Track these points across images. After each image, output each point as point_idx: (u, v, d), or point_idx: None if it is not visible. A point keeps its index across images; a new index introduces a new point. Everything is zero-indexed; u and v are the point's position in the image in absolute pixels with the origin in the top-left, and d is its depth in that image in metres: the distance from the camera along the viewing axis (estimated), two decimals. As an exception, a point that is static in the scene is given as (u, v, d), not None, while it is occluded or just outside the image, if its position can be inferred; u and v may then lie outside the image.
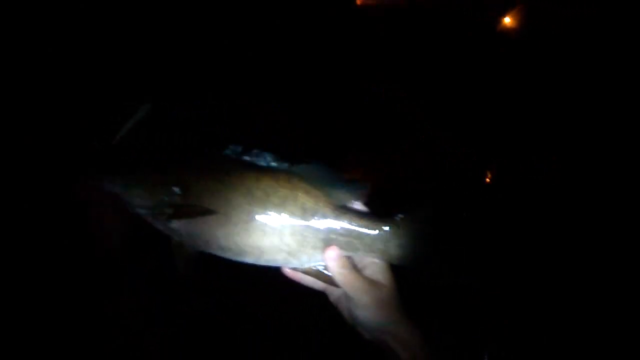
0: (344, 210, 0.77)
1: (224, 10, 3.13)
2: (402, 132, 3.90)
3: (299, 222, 0.75)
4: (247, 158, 0.80)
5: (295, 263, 0.78)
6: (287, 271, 0.80)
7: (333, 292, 0.83)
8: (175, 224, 0.79)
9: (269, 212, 0.75)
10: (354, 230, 0.76)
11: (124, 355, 1.54)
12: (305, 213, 0.76)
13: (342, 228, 0.76)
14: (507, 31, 4.89)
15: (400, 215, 0.76)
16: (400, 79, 4.22)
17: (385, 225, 0.75)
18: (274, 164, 0.80)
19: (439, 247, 0.76)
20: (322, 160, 0.79)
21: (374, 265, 0.78)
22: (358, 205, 0.79)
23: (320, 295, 0.86)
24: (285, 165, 0.79)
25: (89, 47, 2.33)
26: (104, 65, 2.32)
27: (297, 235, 0.76)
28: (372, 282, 0.76)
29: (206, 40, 2.90)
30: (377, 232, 0.76)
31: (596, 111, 4.00)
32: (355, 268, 0.77)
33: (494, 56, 4.59)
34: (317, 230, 0.76)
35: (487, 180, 3.88)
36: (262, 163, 0.80)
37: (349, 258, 0.77)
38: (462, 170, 3.77)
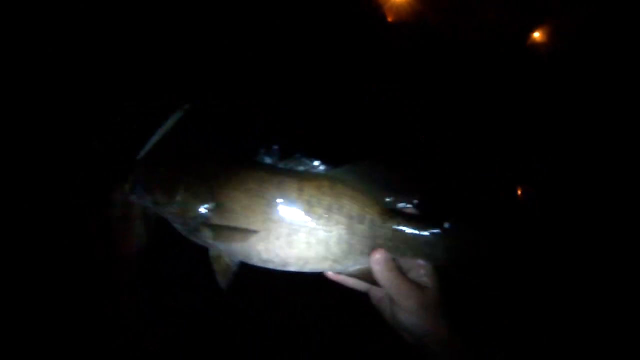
0: (391, 214, 0.74)
1: (224, 11, 3.13)
2: (402, 132, 3.90)
3: (345, 231, 0.73)
4: (284, 164, 0.76)
5: (340, 268, 0.76)
6: (330, 274, 0.78)
7: (376, 294, 0.81)
8: (214, 239, 0.76)
9: (314, 224, 0.73)
10: (401, 234, 0.74)
11: (124, 355, 1.54)
12: (352, 220, 0.73)
13: (389, 232, 0.74)
14: (536, 45, 4.94)
15: (448, 220, 0.74)
16: (400, 79, 4.22)
17: (432, 229, 0.74)
18: (314, 169, 0.76)
19: (484, 251, 0.75)
20: (366, 161, 0.75)
21: (420, 268, 0.77)
22: (407, 207, 0.77)
23: (320, 296, 0.85)
24: (327, 169, 0.76)
25: (89, 47, 2.33)
26: (105, 65, 2.32)
27: (344, 244, 0.74)
28: (417, 286, 0.75)
29: (206, 40, 2.90)
30: (424, 236, 0.74)
31: (601, 114, 4.01)
32: (400, 271, 0.75)
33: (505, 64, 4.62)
34: (364, 237, 0.74)
35: (518, 192, 3.97)
36: (301, 168, 0.76)
37: (394, 261, 0.75)
38: (462, 171, 3.76)
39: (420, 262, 0.77)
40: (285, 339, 1.69)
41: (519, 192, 4.00)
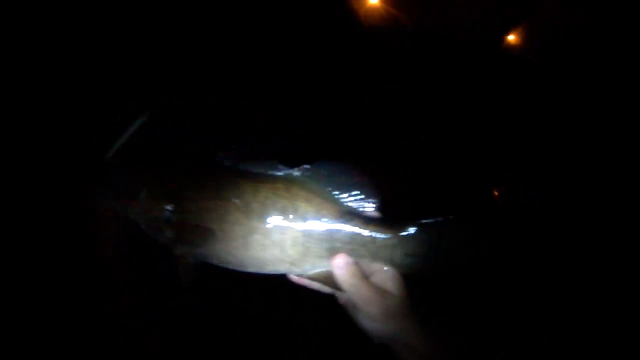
0: (348, 216, 0.73)
1: (224, 11, 3.13)
2: (402, 132, 3.90)
3: (300, 233, 0.72)
4: (243, 165, 0.76)
5: (299, 271, 0.76)
6: (293, 277, 0.77)
7: (342, 295, 0.79)
8: (176, 239, 0.78)
9: (269, 226, 0.72)
10: (358, 237, 0.72)
11: (124, 355, 1.54)
12: (307, 223, 0.72)
13: (346, 236, 0.72)
14: (510, 48, 4.94)
15: (408, 224, 0.72)
16: (400, 79, 4.22)
17: (391, 233, 0.72)
18: (272, 171, 0.75)
19: (447, 258, 0.72)
20: (327, 161, 0.74)
21: (384, 272, 0.74)
22: (366, 210, 0.74)
23: (320, 296, 0.85)
24: (285, 171, 0.75)
25: (89, 47, 2.33)
26: (104, 65, 2.32)
27: (299, 247, 0.73)
28: (380, 292, 0.72)
29: (206, 40, 2.90)
30: (382, 239, 0.72)
31: (594, 114, 4.01)
32: (363, 275, 0.73)
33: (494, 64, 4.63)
34: (320, 239, 0.73)
35: (494, 192, 3.91)
36: (260, 170, 0.75)
37: (357, 265, 0.73)
38: (462, 170, 3.77)
39: (383, 266, 0.74)
40: (285, 339, 1.69)
41: (496, 193, 3.93)
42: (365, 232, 0.72)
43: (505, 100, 4.53)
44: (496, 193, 3.92)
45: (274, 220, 0.72)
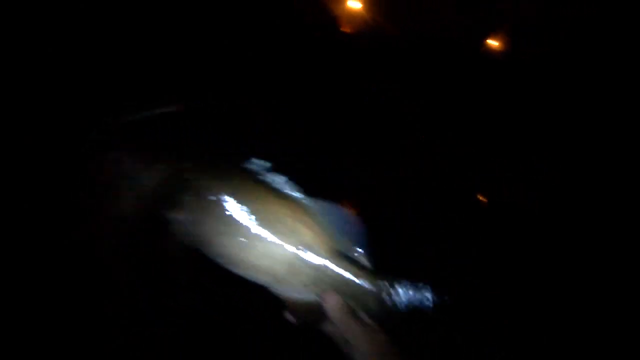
0: (341, 256, 0.77)
1: (224, 11, 3.13)
2: (402, 132, 3.90)
3: (292, 254, 0.77)
4: (265, 177, 0.81)
5: (280, 290, 0.79)
6: (286, 315, 0.81)
7: (331, 330, 0.80)
8: (181, 215, 0.80)
9: (269, 236, 0.77)
10: (349, 281, 0.76)
11: (124, 355, 1.54)
12: (301, 245, 0.77)
13: (335, 273, 0.76)
14: (491, 51, 4.94)
15: (394, 280, 0.75)
16: (400, 79, 4.22)
17: (376, 285, 0.75)
18: (289, 191, 0.81)
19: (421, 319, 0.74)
20: (328, 201, 0.80)
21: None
22: (358, 255, 0.79)
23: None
24: (300, 194, 0.80)
25: (89, 47, 2.33)
26: (105, 65, 2.32)
27: (287, 265, 0.77)
28: (371, 329, 0.74)
29: (206, 40, 2.90)
30: (367, 289, 0.76)
31: (593, 113, 4.01)
32: (355, 312, 0.76)
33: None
34: (308, 266, 0.77)
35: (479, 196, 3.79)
36: (277, 187, 0.81)
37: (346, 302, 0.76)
38: (462, 170, 3.77)
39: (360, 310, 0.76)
40: (285, 339, 1.69)
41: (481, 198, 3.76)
42: (352, 277, 0.76)
43: (505, 100, 4.53)
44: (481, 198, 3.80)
45: (275, 234, 0.77)
